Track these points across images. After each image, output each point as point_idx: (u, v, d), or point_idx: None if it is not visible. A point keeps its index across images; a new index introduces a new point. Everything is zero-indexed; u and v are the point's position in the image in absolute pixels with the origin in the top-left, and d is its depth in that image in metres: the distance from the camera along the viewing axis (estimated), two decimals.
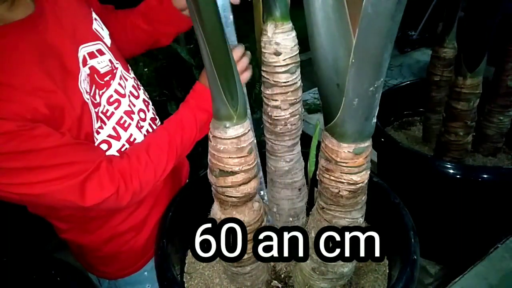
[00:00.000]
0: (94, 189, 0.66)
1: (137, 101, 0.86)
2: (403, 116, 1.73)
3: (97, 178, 0.67)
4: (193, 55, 1.94)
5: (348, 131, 0.54)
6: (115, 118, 0.77)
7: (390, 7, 0.40)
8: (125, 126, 0.79)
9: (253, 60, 0.81)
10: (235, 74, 0.58)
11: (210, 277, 0.87)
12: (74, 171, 0.65)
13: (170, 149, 0.76)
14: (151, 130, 0.87)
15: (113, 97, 0.78)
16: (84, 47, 0.74)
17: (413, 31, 2.94)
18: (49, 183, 0.63)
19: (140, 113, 0.85)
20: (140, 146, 0.76)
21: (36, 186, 0.63)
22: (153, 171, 0.74)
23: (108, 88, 0.77)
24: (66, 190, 0.65)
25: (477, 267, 1.06)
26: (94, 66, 0.75)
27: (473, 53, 1.16)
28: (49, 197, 0.65)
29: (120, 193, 0.69)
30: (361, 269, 0.85)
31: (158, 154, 0.75)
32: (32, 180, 0.62)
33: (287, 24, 0.68)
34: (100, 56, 0.77)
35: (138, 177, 0.71)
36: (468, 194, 1.20)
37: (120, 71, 0.83)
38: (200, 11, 0.49)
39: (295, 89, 0.74)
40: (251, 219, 0.70)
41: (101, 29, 0.82)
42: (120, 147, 0.78)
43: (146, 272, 0.94)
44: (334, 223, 0.64)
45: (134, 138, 0.81)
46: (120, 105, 0.79)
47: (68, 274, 0.87)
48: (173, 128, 0.78)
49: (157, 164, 0.74)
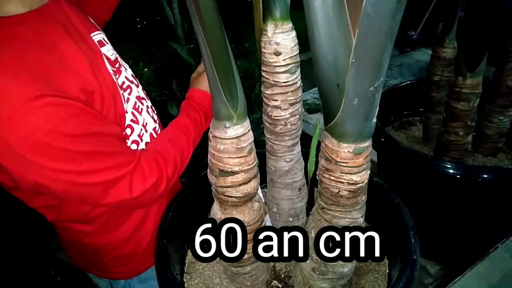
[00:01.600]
0: (139, 180, 0.68)
1: (139, 89, 0.88)
2: (403, 116, 1.73)
3: (141, 168, 0.69)
4: (193, 55, 1.94)
5: (348, 131, 0.54)
6: (131, 103, 0.80)
7: (390, 7, 0.40)
8: (139, 110, 0.82)
9: (253, 60, 0.82)
10: (235, 74, 0.58)
11: (210, 277, 0.87)
12: (126, 160, 0.67)
13: (188, 139, 0.80)
14: (155, 117, 0.91)
15: (125, 84, 0.80)
16: (94, 35, 0.76)
17: (413, 31, 2.94)
18: (108, 171, 0.64)
19: (144, 100, 0.88)
20: (160, 140, 0.79)
21: (97, 174, 0.62)
22: (179, 157, 0.77)
23: (120, 75, 0.79)
24: (119, 179, 0.65)
25: (477, 267, 1.06)
26: (105, 53, 0.77)
27: (473, 53, 1.16)
28: (104, 189, 0.65)
29: (158, 182, 0.71)
30: (361, 269, 0.84)
31: (180, 143, 0.78)
32: (95, 167, 0.62)
33: (287, 24, 0.68)
34: (106, 44, 0.79)
35: (170, 164, 0.74)
36: (468, 194, 1.19)
37: (120, 60, 0.85)
38: (200, 11, 0.49)
39: (295, 89, 0.74)
40: (251, 219, 0.70)
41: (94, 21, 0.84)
42: (139, 131, 0.80)
43: None
44: (334, 223, 0.64)
45: (146, 123, 0.84)
46: (132, 91, 0.82)
47: (68, 274, 0.87)
48: (182, 123, 0.82)
49: (181, 151, 0.78)
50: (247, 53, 2.14)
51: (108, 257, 0.89)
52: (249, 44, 2.22)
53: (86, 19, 0.78)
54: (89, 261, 0.93)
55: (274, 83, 0.72)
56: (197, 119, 0.84)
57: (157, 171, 0.71)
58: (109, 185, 0.65)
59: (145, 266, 0.94)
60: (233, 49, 0.57)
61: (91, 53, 0.69)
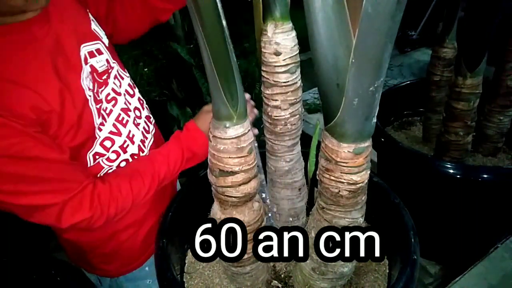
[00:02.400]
0: (72, 211, 0.67)
1: (133, 100, 0.87)
2: (403, 116, 1.73)
3: (79, 200, 0.67)
4: (193, 55, 1.94)
5: (348, 131, 0.54)
6: (114, 115, 0.79)
7: (390, 7, 0.40)
8: (124, 122, 0.81)
9: (253, 60, 0.82)
10: (235, 74, 0.58)
11: (210, 277, 0.87)
12: (63, 188, 0.66)
13: (152, 181, 0.78)
14: (147, 128, 0.89)
15: (110, 95, 0.79)
16: (85, 46, 0.75)
17: (413, 31, 2.94)
18: (35, 196, 0.63)
19: (136, 111, 0.87)
20: (124, 174, 0.77)
21: (22, 197, 0.62)
22: (131, 200, 0.75)
23: (106, 87, 0.79)
24: (48, 207, 0.65)
25: (477, 267, 1.06)
26: (93, 65, 0.76)
27: (473, 53, 1.16)
28: (27, 210, 0.65)
29: (94, 219, 0.70)
30: (361, 269, 0.84)
31: (139, 185, 0.76)
32: (21, 190, 0.62)
33: (287, 24, 0.68)
34: (99, 55, 0.78)
35: (116, 205, 0.72)
36: (468, 194, 1.19)
37: (116, 70, 0.84)
38: (200, 11, 0.49)
39: (295, 89, 0.74)
40: (251, 219, 0.70)
41: (99, 29, 0.83)
42: (122, 143, 0.80)
43: (147, 267, 0.95)
44: (334, 223, 0.64)
45: (133, 134, 0.83)
46: (117, 102, 0.81)
47: (68, 274, 0.87)
48: (159, 162, 0.80)
49: (137, 194, 0.76)
50: (247, 53, 2.14)
51: (91, 254, 0.90)
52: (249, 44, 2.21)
53: (83, 28, 0.77)
54: (77, 255, 0.94)
55: (274, 83, 0.72)
56: (177, 160, 0.81)
57: (98, 208, 0.70)
58: (33, 209, 0.65)
59: (132, 267, 0.94)
60: (233, 49, 0.57)
61: (66, 70, 0.68)
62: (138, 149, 0.84)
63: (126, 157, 0.82)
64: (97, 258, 0.91)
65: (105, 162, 0.78)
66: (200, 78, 1.91)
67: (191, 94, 2.01)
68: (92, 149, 0.74)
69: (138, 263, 0.94)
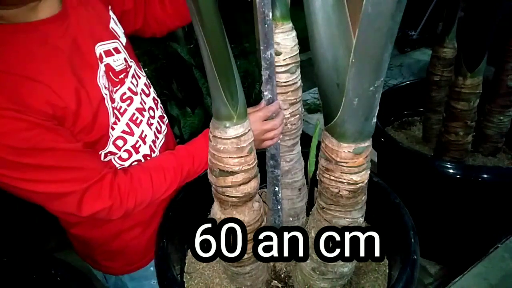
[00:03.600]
0: (92, 200, 0.68)
1: (148, 99, 0.88)
2: (403, 116, 1.73)
3: (98, 188, 0.68)
4: (193, 55, 1.94)
5: (348, 131, 0.54)
6: (128, 115, 0.79)
7: (390, 7, 0.40)
8: (137, 122, 0.81)
9: (253, 60, 0.81)
10: (235, 74, 0.58)
11: (210, 277, 0.87)
12: (81, 176, 0.67)
13: (174, 177, 0.77)
14: (159, 128, 0.90)
15: (126, 95, 0.80)
16: (101, 45, 0.76)
17: (413, 31, 2.94)
18: (54, 184, 0.65)
19: (150, 110, 0.87)
20: (147, 167, 0.77)
21: (41, 184, 0.64)
22: (150, 195, 0.75)
23: (122, 86, 0.79)
24: (67, 195, 0.66)
25: (477, 267, 1.06)
26: (110, 63, 0.77)
27: (473, 53, 1.16)
28: (47, 198, 0.67)
29: (113, 209, 0.70)
30: (361, 269, 0.84)
31: (160, 180, 0.76)
32: (40, 178, 0.64)
33: (287, 24, 0.68)
34: (116, 54, 0.79)
35: (135, 198, 0.73)
36: (468, 194, 1.20)
37: (134, 69, 0.85)
38: (200, 11, 0.49)
39: (295, 89, 0.74)
40: (251, 219, 0.70)
41: (118, 28, 0.83)
42: (135, 143, 0.80)
43: (152, 267, 0.95)
44: (334, 223, 0.64)
45: (146, 135, 0.83)
46: (133, 102, 0.81)
47: (68, 274, 0.87)
48: (183, 158, 0.79)
49: (157, 189, 0.75)
50: (247, 53, 2.14)
51: (97, 250, 0.90)
52: (249, 44, 2.22)
53: (100, 27, 0.78)
54: (83, 250, 0.94)
55: None
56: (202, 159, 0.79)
57: (117, 198, 0.70)
58: (54, 197, 0.66)
59: (136, 266, 0.94)
60: (233, 49, 0.57)
61: (83, 69, 0.70)
62: (149, 150, 0.84)
63: (139, 157, 0.82)
64: (103, 255, 0.92)
65: (117, 161, 0.78)
66: (200, 78, 1.91)
67: (191, 94, 2.01)
68: (106, 148, 0.75)
69: (143, 263, 0.94)
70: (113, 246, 0.88)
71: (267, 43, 0.62)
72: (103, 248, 0.89)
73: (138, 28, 0.92)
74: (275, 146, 0.74)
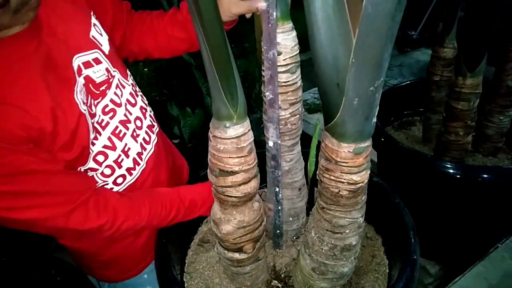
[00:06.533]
0: (79, 222, 0.67)
1: (134, 109, 0.83)
2: (403, 116, 1.73)
3: (84, 210, 0.68)
4: (193, 55, 1.93)
5: (348, 131, 0.54)
6: (110, 128, 0.76)
7: (390, 7, 0.40)
8: (120, 136, 0.78)
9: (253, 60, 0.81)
10: (235, 74, 0.58)
11: (210, 277, 0.87)
12: (63, 200, 0.66)
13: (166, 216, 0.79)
14: (147, 138, 0.86)
15: (109, 107, 0.76)
16: (79, 57, 0.71)
17: (413, 31, 2.94)
18: (39, 210, 0.63)
19: (137, 121, 0.83)
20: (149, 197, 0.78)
21: (25, 211, 0.63)
22: (144, 224, 0.76)
23: (104, 98, 0.75)
24: (53, 217, 0.65)
25: (477, 267, 1.06)
26: (89, 75, 0.73)
27: (473, 53, 1.16)
28: (35, 223, 0.66)
29: (105, 227, 0.70)
30: (361, 269, 0.84)
31: (156, 213, 0.77)
32: (22, 205, 0.62)
33: (287, 24, 0.68)
34: (97, 65, 0.74)
35: (129, 223, 0.73)
36: (468, 194, 1.20)
37: (117, 79, 0.80)
38: (200, 11, 0.49)
39: (295, 89, 0.74)
40: (251, 219, 0.70)
41: (100, 35, 0.78)
42: (117, 157, 0.77)
43: (146, 275, 0.94)
44: (334, 223, 0.64)
45: (129, 148, 0.80)
46: (116, 114, 0.77)
47: (68, 274, 0.87)
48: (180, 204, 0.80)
49: (150, 221, 0.77)
50: (247, 53, 2.14)
51: (89, 260, 0.90)
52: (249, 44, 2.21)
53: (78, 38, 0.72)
54: (76, 258, 0.94)
55: None
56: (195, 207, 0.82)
57: (109, 217, 0.70)
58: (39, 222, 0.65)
59: (130, 274, 0.93)
60: (233, 49, 0.57)
61: (58, 85, 0.65)
62: (133, 163, 0.81)
63: (122, 172, 0.79)
64: (95, 264, 0.91)
65: (99, 177, 0.76)
66: (200, 78, 1.91)
67: (191, 94, 2.01)
68: (86, 164, 0.72)
69: (137, 271, 0.93)
70: (105, 255, 0.87)
71: (270, 43, 0.62)
72: (95, 257, 0.88)
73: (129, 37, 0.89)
74: (275, 147, 0.74)
